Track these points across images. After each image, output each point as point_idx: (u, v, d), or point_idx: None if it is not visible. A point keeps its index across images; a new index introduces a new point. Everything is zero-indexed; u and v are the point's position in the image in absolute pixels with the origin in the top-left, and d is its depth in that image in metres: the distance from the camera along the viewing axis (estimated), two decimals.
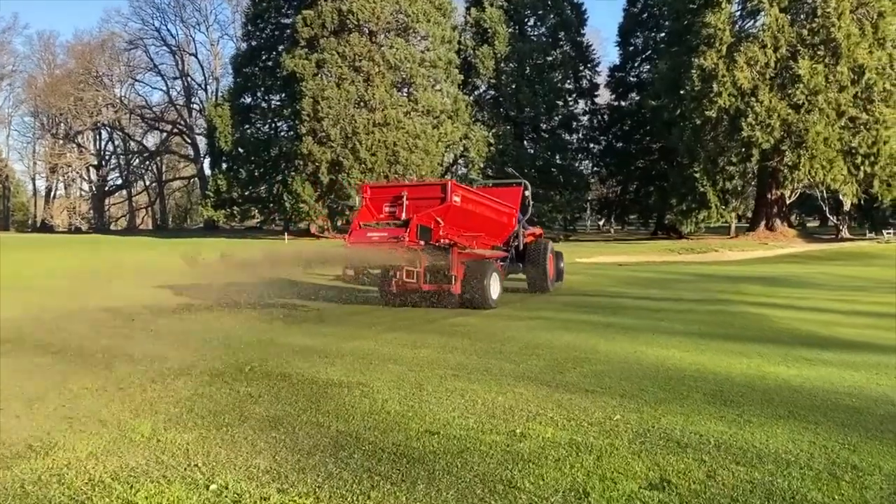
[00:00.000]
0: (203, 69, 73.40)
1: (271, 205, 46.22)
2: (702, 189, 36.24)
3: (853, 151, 34.35)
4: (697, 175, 36.08)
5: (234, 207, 48.22)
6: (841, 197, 42.07)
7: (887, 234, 37.08)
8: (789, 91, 33.92)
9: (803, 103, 33.62)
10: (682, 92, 37.13)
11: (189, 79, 72.37)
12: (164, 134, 77.39)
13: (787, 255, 24.97)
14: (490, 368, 6.54)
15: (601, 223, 66.40)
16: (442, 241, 10.83)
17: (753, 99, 34.12)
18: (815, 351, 7.42)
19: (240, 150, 48.48)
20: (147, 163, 79.52)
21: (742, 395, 5.52)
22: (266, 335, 8.51)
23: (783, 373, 6.36)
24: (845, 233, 43.02)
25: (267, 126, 49.91)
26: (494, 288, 11.49)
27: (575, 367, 6.64)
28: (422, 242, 10.40)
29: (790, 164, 33.78)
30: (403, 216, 10.83)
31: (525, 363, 6.80)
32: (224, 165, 50.29)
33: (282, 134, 48.62)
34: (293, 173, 43.72)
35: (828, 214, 45.69)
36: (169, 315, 10.13)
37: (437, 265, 11.14)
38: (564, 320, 9.81)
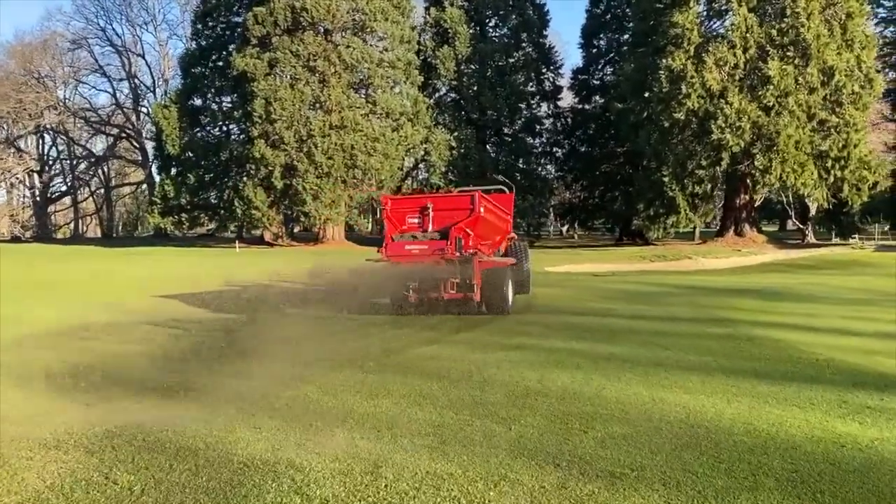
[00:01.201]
0: (151, 71, 70.53)
1: (222, 211, 43.85)
2: (670, 193, 35.13)
3: (823, 155, 33.60)
4: (666, 179, 34.97)
5: (183, 214, 45.74)
6: (807, 201, 41.60)
7: (860, 239, 36.51)
8: (759, 93, 33.02)
9: (773, 105, 32.75)
10: (649, 94, 36.09)
11: (137, 80, 69.44)
12: (112, 138, 74.11)
13: (769, 263, 23.81)
14: (472, 434, 4.85)
15: (564, 229, 65.40)
16: (470, 251, 10.93)
17: (723, 101, 33.14)
18: (875, 395, 5.91)
19: (189, 154, 46.09)
20: (94, 168, 76.14)
21: (832, 481, 3.94)
22: None
23: (860, 435, 4.79)
24: (811, 238, 42.49)
25: (217, 129, 47.55)
26: (510, 294, 11.58)
27: (585, 428, 4.98)
28: (457, 254, 10.73)
29: (761, 167, 32.84)
30: (430, 228, 11.03)
31: (517, 422, 5.13)
32: (172, 170, 47.74)
33: (233, 137, 46.28)
34: (245, 178, 41.50)
35: (793, 219, 45.18)
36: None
37: (465, 275, 11.19)
38: (552, 350, 8.16)
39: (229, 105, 46.68)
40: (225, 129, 48.03)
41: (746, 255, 28.57)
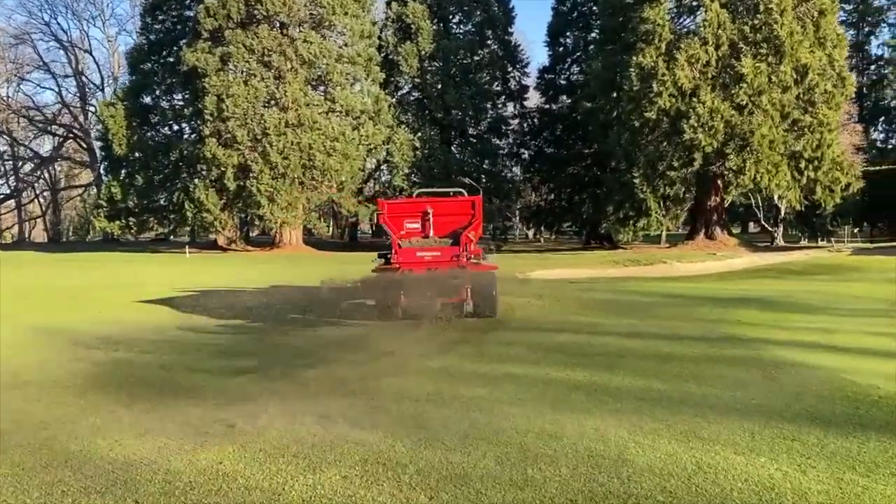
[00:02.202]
0: (100, 68, 67.50)
1: (172, 215, 41.45)
2: (641, 195, 33.91)
3: (797, 155, 32.70)
4: (637, 181, 33.74)
5: (131, 218, 43.18)
6: (778, 203, 40.87)
7: (835, 242, 35.79)
8: (732, 91, 31.94)
9: (747, 104, 31.69)
10: (619, 93, 34.85)
11: (84, 78, 66.29)
12: (59, 139, 70.75)
13: (753, 268, 22.52)
14: None
15: (530, 233, 64.08)
16: (472, 256, 11.01)
17: (695, 99, 31.99)
18: None
19: (137, 154, 43.56)
20: (40, 170, 72.63)
21: None
22: None
23: None
24: (780, 240, 41.79)
25: (167, 128, 45.11)
26: (499, 298, 11.36)
27: None
28: (472, 260, 10.91)
29: (735, 168, 31.76)
30: (432, 233, 11.01)
31: None
32: (120, 172, 45.14)
33: (185, 137, 43.89)
34: (196, 180, 39.23)
35: (762, 222, 44.51)
36: None
37: (465, 280, 10.99)
38: (547, 383, 6.55)
39: (180, 103, 44.32)
40: (176, 128, 45.66)
41: (721, 258, 27.38)
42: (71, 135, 68.01)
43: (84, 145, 66.69)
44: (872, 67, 59.71)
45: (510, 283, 18.50)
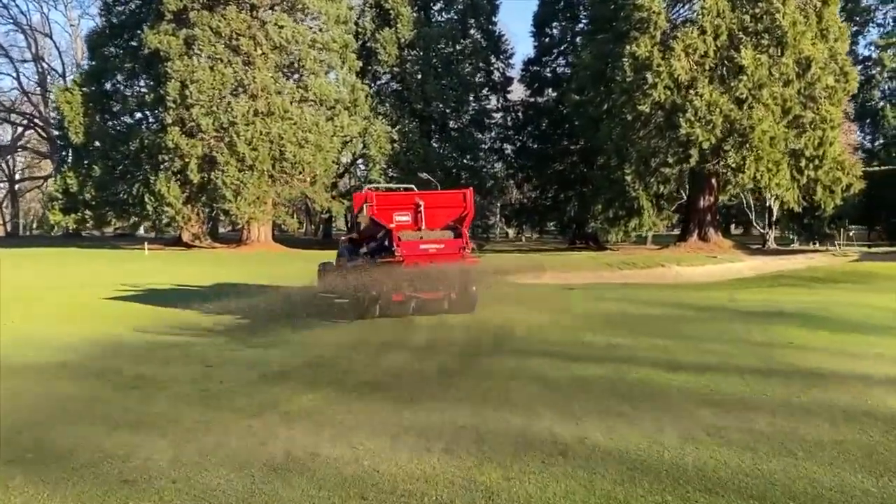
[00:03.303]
0: (61, 54, 64.20)
1: (131, 208, 38.68)
2: (633, 194, 31.89)
3: (797, 153, 30.93)
4: (628, 178, 31.69)
5: (87, 211, 40.29)
6: (771, 203, 39.15)
7: (839, 245, 34.06)
8: (731, 84, 30.09)
9: (747, 98, 29.84)
10: (610, 84, 32.79)
11: (45, 64, 62.97)
12: (19, 128, 67.30)
13: (767, 275, 20.47)
14: None
15: (511, 231, 61.88)
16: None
17: (692, 92, 30.06)
18: None
19: (96, 143, 40.76)
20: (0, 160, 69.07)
21: None
22: None
23: None
24: (772, 243, 40.09)
25: (129, 116, 42.30)
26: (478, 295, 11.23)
27: None
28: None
29: (734, 165, 29.88)
30: (423, 226, 10.71)
31: None
32: (79, 162, 42.28)
33: (148, 126, 41.08)
34: (157, 171, 36.53)
35: (753, 222, 42.79)
36: None
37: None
38: (588, 461, 4.35)
39: (143, 90, 41.54)
40: (139, 116, 42.85)
41: (721, 262, 25.44)
42: (31, 124, 64.63)
43: (45, 135, 63.35)
44: (859, 68, 58.46)
45: (502, 287, 16.37)
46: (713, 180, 34.16)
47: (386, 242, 10.89)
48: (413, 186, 13.18)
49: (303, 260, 15.76)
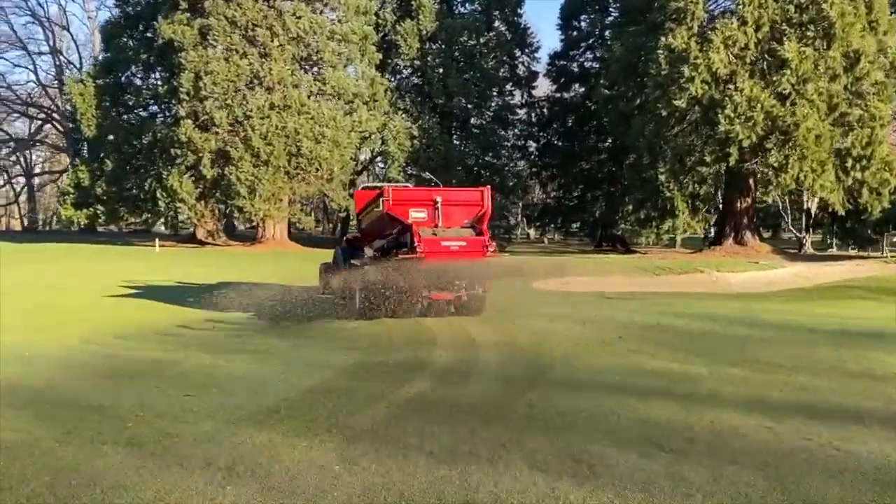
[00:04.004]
0: (78, 47, 63.45)
1: (143, 204, 37.50)
2: (668, 194, 30.12)
3: (842, 153, 29.05)
4: (662, 177, 29.96)
5: (100, 207, 39.21)
6: (809, 206, 37.29)
7: (889, 252, 32.08)
8: (774, 78, 28.27)
9: (790, 93, 28.01)
10: (643, 79, 31.04)
11: (62, 57, 62.24)
12: (38, 122, 66.67)
13: (828, 284, 18.56)
14: None
15: (531, 232, 60.04)
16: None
17: (731, 87, 28.28)
18: None
19: (109, 137, 39.67)
20: (16, 154, 68.49)
21: None
22: None
23: None
24: (808, 248, 38.18)
25: (142, 109, 41.17)
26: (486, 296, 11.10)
27: None
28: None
29: (776, 164, 28.05)
30: (441, 223, 10.32)
31: None
32: (91, 156, 41.27)
33: (162, 119, 39.93)
34: (170, 166, 35.32)
35: (789, 226, 40.93)
36: None
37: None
38: None
39: (158, 82, 40.43)
40: (154, 109, 41.75)
41: (764, 268, 23.64)
42: (49, 118, 63.94)
43: (61, 128, 62.64)
44: None
45: (527, 295, 14.85)
46: (750, 181, 32.34)
47: (401, 239, 10.55)
48: (408, 184, 13.17)
49: (316, 259, 14.43)
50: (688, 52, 28.82)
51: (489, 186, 11.01)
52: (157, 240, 36.48)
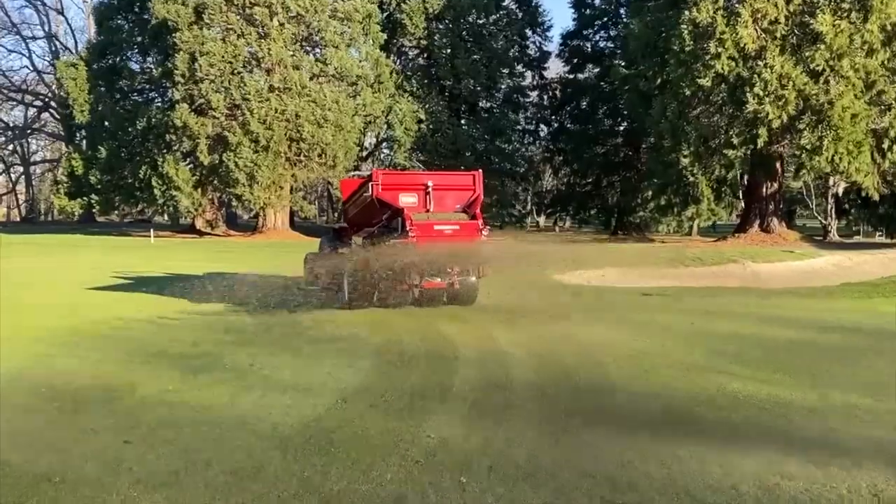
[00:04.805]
0: (73, 32, 61.71)
1: (138, 192, 35.85)
2: (691, 178, 28.29)
3: (878, 133, 27.19)
4: (686, 161, 28.13)
5: (94, 196, 37.59)
6: (837, 191, 35.50)
7: None
8: (806, 54, 26.38)
9: (824, 70, 26.13)
10: (665, 56, 29.16)
11: (58, 42, 60.55)
12: (35, 110, 65.08)
13: (883, 279, 16.67)
14: None
15: (540, 220, 58.18)
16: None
17: (761, 63, 26.41)
18: None
19: (103, 123, 38.03)
20: (14, 143, 66.94)
21: None
22: None
23: None
24: (834, 235, 36.40)
25: (137, 94, 39.47)
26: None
27: None
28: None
29: (809, 147, 26.23)
30: (432, 208, 9.93)
31: None
32: (85, 143, 39.68)
33: (157, 103, 38.21)
34: (165, 153, 33.67)
35: (814, 212, 39.12)
36: None
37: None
38: None
39: (152, 65, 38.68)
40: (151, 94, 40.07)
41: (802, 258, 21.88)
42: (46, 106, 62.31)
43: (58, 116, 60.98)
44: None
45: (554, 292, 13.17)
46: (776, 164, 30.51)
47: (392, 224, 10.21)
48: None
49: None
50: (713, 26, 26.92)
51: (480, 171, 10.58)
52: (152, 230, 34.87)
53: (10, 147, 66.82)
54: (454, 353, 7.53)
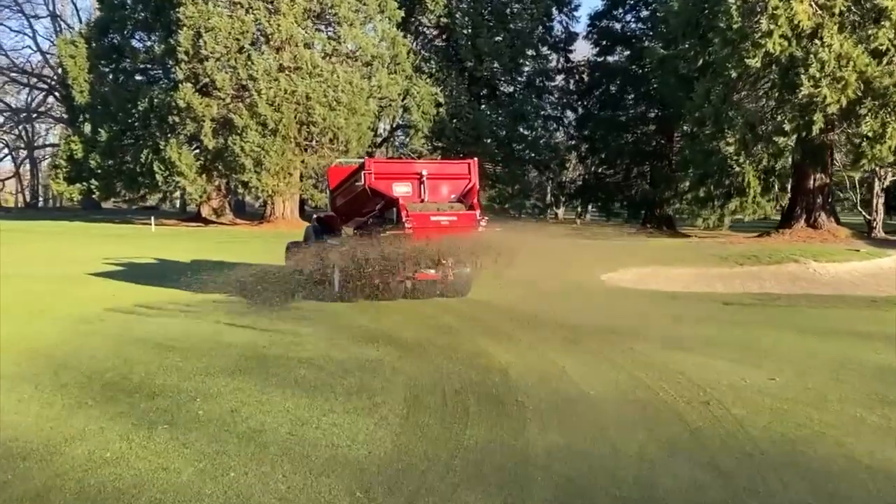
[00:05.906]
0: (78, 11, 59.80)
1: (140, 178, 33.80)
2: (736, 168, 25.92)
3: None
4: (730, 150, 25.77)
5: (94, 181, 35.61)
6: (885, 183, 33.13)
7: None
8: (868, 32, 23.96)
9: (888, 49, 23.73)
10: (709, 35, 26.80)
11: (62, 22, 58.64)
12: (38, 92, 63.23)
13: None
14: None
15: (560, 212, 55.80)
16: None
17: (817, 42, 24.00)
18: None
19: (105, 104, 36.00)
20: (20, 127, 65.18)
21: None
22: None
23: None
24: (880, 231, 33.99)
25: (140, 74, 37.39)
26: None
27: None
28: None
29: (870, 134, 23.84)
30: (427, 198, 9.56)
31: None
32: (85, 126, 37.66)
33: (162, 83, 36.11)
34: (168, 135, 31.62)
35: (858, 206, 36.65)
36: None
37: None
38: None
39: (155, 42, 36.59)
40: (154, 73, 37.98)
41: (868, 257, 19.62)
42: (50, 88, 60.42)
43: (61, 98, 59.10)
44: None
45: (612, 299, 11.04)
46: (826, 154, 28.10)
47: (386, 215, 9.83)
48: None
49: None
50: (765, 2, 24.54)
51: (476, 159, 10.13)
52: (152, 218, 32.90)
53: (16, 131, 65.15)
54: (515, 397, 5.37)
